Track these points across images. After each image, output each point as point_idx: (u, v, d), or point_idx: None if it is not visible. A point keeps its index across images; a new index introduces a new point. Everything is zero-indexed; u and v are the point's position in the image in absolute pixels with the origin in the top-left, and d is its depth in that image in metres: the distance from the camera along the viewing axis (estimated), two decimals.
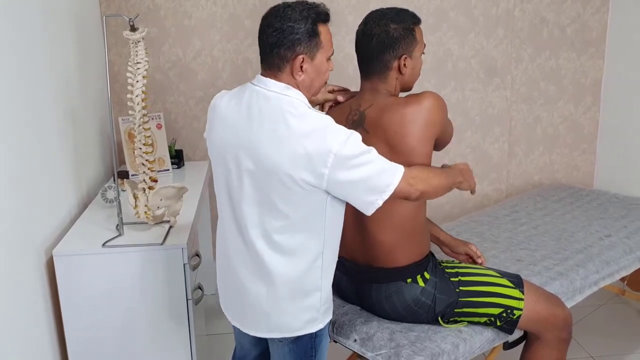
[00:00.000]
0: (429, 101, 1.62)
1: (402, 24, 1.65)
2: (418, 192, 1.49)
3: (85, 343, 1.91)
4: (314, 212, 1.45)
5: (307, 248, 1.47)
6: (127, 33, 1.86)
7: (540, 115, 3.25)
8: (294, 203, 1.42)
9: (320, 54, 1.45)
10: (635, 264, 2.28)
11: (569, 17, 3.13)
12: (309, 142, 1.37)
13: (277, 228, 1.45)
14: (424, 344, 1.63)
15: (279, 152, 1.39)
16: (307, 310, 1.51)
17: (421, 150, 1.64)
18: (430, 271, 1.73)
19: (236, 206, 1.50)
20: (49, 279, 1.89)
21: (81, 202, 2.29)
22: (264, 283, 1.50)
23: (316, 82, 1.49)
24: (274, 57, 1.44)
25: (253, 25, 2.86)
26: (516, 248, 2.27)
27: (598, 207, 2.71)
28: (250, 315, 1.55)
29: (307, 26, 1.41)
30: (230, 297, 1.61)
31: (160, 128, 2.68)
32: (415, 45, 1.67)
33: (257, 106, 1.45)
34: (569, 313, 1.82)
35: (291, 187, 1.40)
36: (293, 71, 1.44)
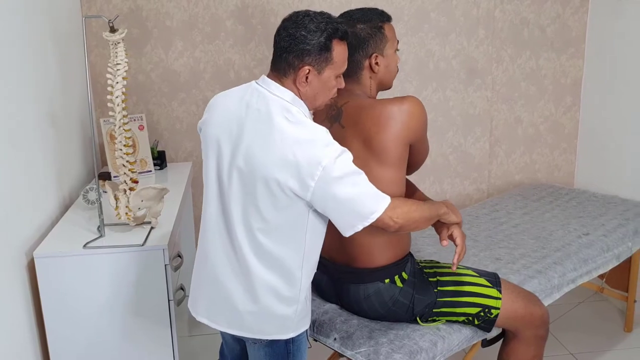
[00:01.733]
0: (410, 104, 1.63)
1: (369, 23, 1.67)
2: (397, 225, 1.48)
3: (66, 344, 1.91)
4: (295, 222, 1.45)
5: (288, 259, 1.47)
6: (107, 34, 1.87)
7: (521, 115, 3.28)
8: (277, 210, 1.42)
9: (329, 69, 1.45)
10: (612, 262, 2.32)
11: (548, 17, 3.17)
12: (300, 150, 1.37)
13: (260, 229, 1.46)
14: (402, 342, 1.65)
15: (269, 155, 1.39)
16: (281, 318, 1.51)
17: (394, 152, 1.65)
18: (408, 271, 1.74)
19: (225, 199, 1.49)
20: (30, 280, 1.89)
21: (63, 203, 2.28)
22: (242, 282, 1.50)
23: (320, 96, 1.49)
24: (282, 61, 1.44)
25: (234, 26, 2.87)
26: (495, 247, 2.29)
27: (577, 206, 2.74)
28: (223, 310, 1.55)
29: (320, 39, 1.41)
30: (204, 291, 1.60)
31: (143, 129, 2.68)
32: (385, 43, 1.68)
33: (257, 106, 1.45)
34: (546, 311, 1.84)
35: (275, 193, 1.40)
36: (297, 80, 1.44)
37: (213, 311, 1.58)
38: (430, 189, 3.27)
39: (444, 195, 3.30)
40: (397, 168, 1.68)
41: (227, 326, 1.56)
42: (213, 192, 1.52)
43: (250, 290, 1.50)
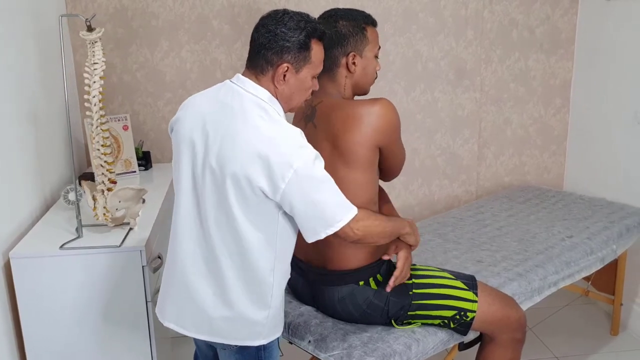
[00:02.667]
0: (380, 107, 1.62)
1: (352, 21, 1.66)
2: (357, 237, 1.48)
3: (43, 345, 1.90)
4: (266, 224, 1.43)
5: (260, 262, 1.45)
6: (84, 33, 1.86)
7: (510, 117, 3.27)
8: (247, 210, 1.40)
9: (307, 68, 1.44)
10: (596, 265, 2.30)
11: (538, 18, 3.15)
12: (273, 149, 1.35)
13: (232, 230, 1.43)
14: (376, 345, 1.64)
15: (241, 152, 1.36)
16: (252, 323, 1.49)
17: (361, 154, 1.63)
18: (383, 274, 1.73)
19: (199, 200, 1.46)
20: (7, 281, 1.88)
21: (44, 203, 2.27)
22: (212, 285, 1.48)
23: (296, 96, 1.47)
24: (260, 58, 1.42)
25: (221, 25, 2.86)
26: (478, 249, 2.28)
27: (563, 209, 2.73)
28: (191, 315, 1.53)
29: (300, 37, 1.40)
30: (173, 294, 1.57)
31: (127, 129, 2.67)
32: (365, 45, 1.68)
33: (231, 104, 1.42)
34: (523, 314, 1.83)
35: (246, 192, 1.38)
36: (275, 78, 1.42)
37: (181, 315, 1.55)
38: (418, 191, 3.26)
39: (432, 198, 3.29)
40: (365, 171, 1.66)
41: (195, 331, 1.53)
42: (186, 193, 1.49)
43: (221, 293, 1.48)
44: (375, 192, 1.75)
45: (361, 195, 1.67)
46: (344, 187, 1.64)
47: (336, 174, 1.65)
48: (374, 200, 1.75)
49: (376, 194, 1.76)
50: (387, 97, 1.72)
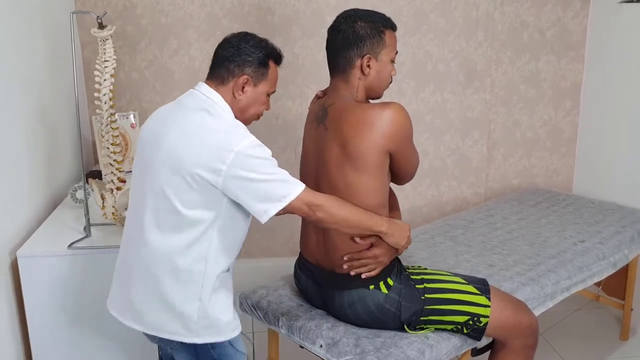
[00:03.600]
0: (391, 111, 1.60)
1: (370, 23, 1.64)
2: (315, 216, 1.49)
3: (49, 345, 1.88)
4: (206, 211, 1.44)
5: (191, 246, 1.45)
6: (95, 30, 1.84)
7: (519, 118, 3.24)
8: (188, 199, 1.43)
9: (263, 84, 1.56)
10: (608, 270, 2.28)
11: (548, 20, 3.12)
12: (215, 137, 1.42)
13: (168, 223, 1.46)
14: (389, 350, 1.61)
15: (184, 145, 1.43)
16: (178, 318, 1.48)
17: (371, 159, 1.61)
18: (394, 277, 1.70)
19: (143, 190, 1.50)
20: (14, 280, 1.86)
21: (51, 202, 2.25)
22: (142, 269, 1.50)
23: (251, 109, 1.56)
24: (222, 69, 1.53)
25: (230, 24, 2.84)
26: (489, 253, 2.25)
27: (574, 212, 2.70)
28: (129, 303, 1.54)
29: (260, 55, 1.53)
30: (115, 278, 1.62)
31: (135, 127, 2.65)
32: (382, 48, 1.65)
33: (185, 103, 1.53)
34: (535, 320, 1.80)
35: (189, 182, 1.41)
36: (235, 87, 1.52)
37: (121, 303, 1.58)
38: (426, 192, 3.24)
39: (441, 199, 3.26)
40: (374, 176, 1.63)
41: (133, 321, 1.54)
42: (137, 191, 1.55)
43: (145, 277, 1.49)
44: (385, 196, 1.72)
45: (371, 199, 1.65)
46: (353, 191, 1.64)
47: (345, 177, 1.64)
48: (384, 204, 1.71)
49: (386, 198, 1.73)
50: (396, 98, 1.71)
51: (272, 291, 1.94)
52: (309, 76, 2.95)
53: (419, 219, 3.22)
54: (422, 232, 2.46)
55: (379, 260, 1.67)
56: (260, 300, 1.90)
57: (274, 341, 2.02)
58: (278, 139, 3.00)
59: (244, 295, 1.95)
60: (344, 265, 1.68)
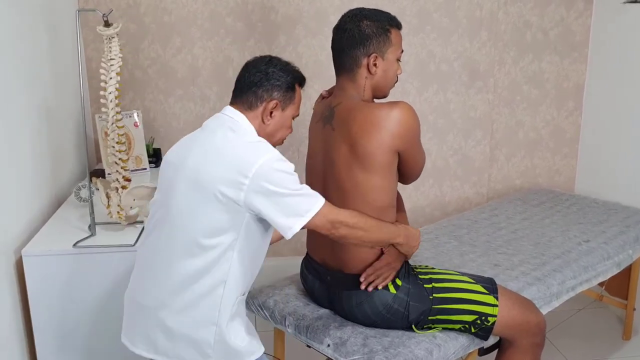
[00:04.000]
0: (400, 111, 1.59)
1: (376, 22, 1.63)
2: (339, 235, 1.47)
3: (54, 344, 1.87)
4: (227, 230, 1.41)
5: (209, 270, 1.42)
6: (101, 28, 1.83)
7: (522, 119, 3.24)
8: (208, 217, 1.40)
9: (290, 108, 1.55)
10: (612, 270, 2.28)
11: (552, 20, 3.12)
12: (236, 151, 1.41)
13: (185, 248, 1.43)
14: (397, 350, 1.61)
15: (205, 162, 1.41)
16: (194, 343, 1.44)
17: (380, 159, 1.60)
18: (402, 277, 1.70)
19: (165, 205, 1.48)
20: (18, 279, 1.85)
21: (55, 200, 2.24)
22: (156, 292, 1.47)
23: (279, 133, 1.56)
24: (250, 95, 1.51)
25: (234, 23, 2.83)
26: (494, 252, 2.25)
27: (577, 212, 2.70)
28: (141, 328, 1.51)
29: (288, 79, 1.52)
30: (130, 313, 1.57)
31: (138, 126, 2.64)
32: (388, 47, 1.64)
33: (207, 125, 1.53)
34: (543, 318, 1.80)
35: (212, 202, 1.38)
36: (264, 113, 1.51)
37: (131, 329, 1.54)
38: (429, 192, 3.23)
39: (443, 199, 3.26)
40: (383, 176, 1.63)
41: (144, 348, 1.50)
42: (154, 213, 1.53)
43: (163, 301, 1.45)
44: (393, 196, 1.71)
45: (380, 200, 1.64)
46: (362, 192, 1.63)
47: (354, 178, 1.63)
48: (392, 204, 1.71)
49: (394, 199, 1.72)
50: (399, 97, 1.71)
51: (279, 290, 1.93)
52: (313, 76, 2.93)
53: (422, 219, 3.22)
54: (427, 231, 2.46)
55: (392, 266, 1.67)
56: (266, 299, 1.89)
57: (280, 341, 2.02)
58: None
59: (251, 295, 1.94)
60: (361, 286, 1.66)
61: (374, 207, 1.64)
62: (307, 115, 3.03)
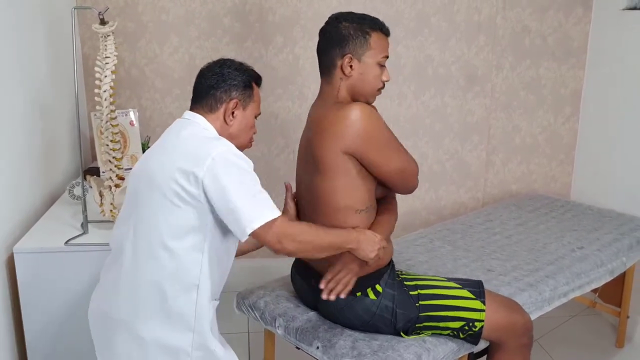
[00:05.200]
0: (351, 111, 1.55)
1: (355, 24, 1.61)
2: (286, 251, 1.41)
3: (44, 341, 1.87)
4: (192, 230, 1.38)
5: (179, 274, 1.39)
6: (96, 26, 1.82)
7: (519, 124, 3.24)
8: (172, 215, 1.37)
9: (251, 107, 1.54)
10: (605, 277, 2.27)
11: (550, 26, 3.13)
12: (194, 143, 1.40)
13: (153, 253, 1.40)
14: (386, 353, 1.60)
15: (162, 157, 1.42)
16: (170, 351, 1.41)
17: (329, 161, 1.58)
18: (383, 284, 1.67)
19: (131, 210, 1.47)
20: (9, 276, 1.85)
21: (48, 198, 2.24)
22: (127, 298, 1.42)
23: (243, 134, 1.54)
24: (209, 98, 1.50)
25: (232, 23, 2.83)
26: (488, 257, 2.25)
27: (572, 219, 2.70)
28: (115, 347, 1.46)
29: (244, 77, 1.52)
30: (98, 328, 1.53)
31: (134, 125, 2.63)
32: (366, 50, 1.61)
33: (169, 130, 1.52)
34: (528, 318, 1.79)
35: (171, 198, 1.36)
36: (226, 114, 1.50)
37: (106, 349, 1.49)
38: (425, 196, 3.23)
39: (439, 203, 3.26)
40: (337, 179, 1.59)
41: None
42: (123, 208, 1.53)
43: (137, 311, 1.41)
44: (357, 200, 1.64)
45: (335, 202, 1.62)
46: (319, 193, 1.64)
47: (312, 179, 1.65)
48: (354, 207, 1.64)
49: (360, 202, 1.64)
50: (396, 101, 1.70)
51: (270, 292, 1.93)
52: (309, 77, 2.94)
53: (417, 222, 3.21)
54: (421, 236, 2.46)
55: (350, 270, 1.61)
56: (257, 300, 1.89)
57: (270, 342, 2.01)
58: (277, 139, 2.99)
59: (241, 295, 1.94)
60: (322, 295, 1.61)
61: (332, 208, 1.62)
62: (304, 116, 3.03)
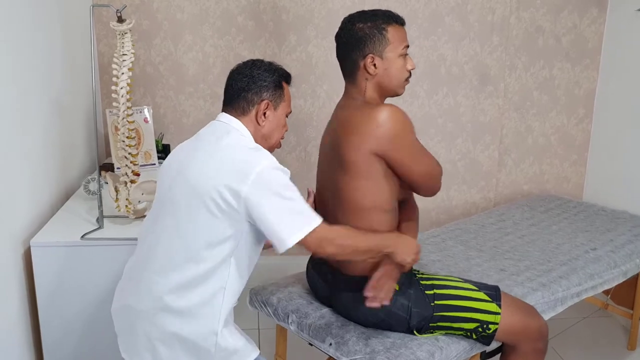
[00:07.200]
0: (380, 112, 1.55)
1: (369, 23, 1.61)
2: (326, 254, 1.45)
3: (59, 334, 1.89)
4: (228, 239, 1.40)
5: (209, 277, 1.41)
6: (114, 24, 1.84)
7: (532, 124, 3.23)
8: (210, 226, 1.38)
9: (282, 107, 1.55)
10: (619, 278, 2.26)
11: (564, 27, 3.12)
12: (237, 156, 1.40)
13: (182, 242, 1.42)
14: (399, 351, 1.61)
15: (203, 168, 1.41)
16: (195, 351, 1.43)
17: (357, 161, 1.58)
18: (400, 282, 1.67)
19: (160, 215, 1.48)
20: (26, 269, 1.87)
21: (64, 193, 2.26)
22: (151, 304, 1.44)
23: (275, 134, 1.55)
24: (241, 100, 1.51)
25: (246, 22, 2.85)
26: (500, 258, 2.25)
27: (585, 220, 2.69)
28: (136, 340, 1.48)
29: (274, 77, 1.53)
30: (122, 323, 1.55)
31: (148, 122, 2.65)
32: (386, 45, 1.60)
33: (203, 133, 1.53)
34: (544, 323, 1.79)
35: (211, 209, 1.37)
36: (257, 115, 1.51)
37: (131, 345, 1.51)
38: (436, 196, 3.20)
39: (450, 203, 3.25)
40: (364, 179, 1.60)
41: (139, 358, 1.47)
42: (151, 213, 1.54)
43: (164, 302, 1.42)
44: (383, 200, 1.64)
45: (362, 202, 1.62)
46: (339, 193, 1.65)
47: (336, 178, 1.65)
48: (381, 207, 1.65)
49: (386, 202, 1.66)
50: (409, 100, 1.70)
51: (283, 288, 1.94)
52: (322, 76, 2.95)
53: (427, 222, 3.21)
54: (434, 235, 2.46)
55: (391, 276, 1.62)
56: (270, 296, 1.90)
57: (282, 338, 2.02)
58: (289, 137, 3.01)
59: (254, 291, 1.95)
60: (366, 303, 1.59)
61: (357, 208, 1.63)
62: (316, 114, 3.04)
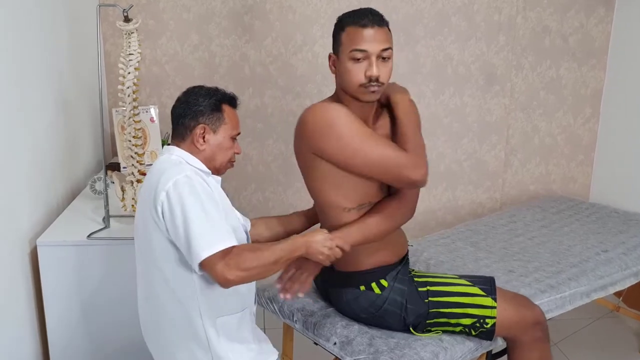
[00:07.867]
0: (304, 112, 1.61)
1: (337, 25, 1.66)
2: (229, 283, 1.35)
3: (66, 333, 1.89)
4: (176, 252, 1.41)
5: (179, 291, 1.44)
6: (120, 23, 1.85)
7: (538, 124, 3.22)
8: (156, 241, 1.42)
9: (223, 129, 1.53)
10: (629, 280, 2.23)
11: (571, 26, 3.10)
12: (159, 172, 1.42)
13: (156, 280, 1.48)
14: (403, 351, 1.60)
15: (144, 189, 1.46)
16: None
17: (303, 165, 1.66)
18: (391, 279, 1.68)
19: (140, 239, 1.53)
20: (33, 268, 1.87)
21: (70, 192, 2.27)
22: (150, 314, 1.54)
23: (219, 156, 1.54)
24: (179, 127, 1.53)
25: (252, 21, 2.84)
26: (510, 259, 2.22)
27: (596, 221, 2.66)
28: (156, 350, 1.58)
29: (211, 101, 1.52)
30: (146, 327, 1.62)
31: (154, 122, 2.65)
32: (339, 46, 1.62)
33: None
34: (539, 311, 1.77)
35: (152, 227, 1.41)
36: (195, 139, 1.50)
37: None
38: (442, 196, 3.22)
39: (456, 203, 3.24)
40: (314, 178, 1.65)
41: None
42: None
43: (155, 325, 1.53)
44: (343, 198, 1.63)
45: (322, 202, 1.67)
46: (311, 196, 1.70)
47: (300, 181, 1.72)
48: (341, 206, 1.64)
49: (348, 202, 1.63)
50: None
51: None
52: (328, 75, 2.91)
53: (433, 222, 3.21)
54: (443, 236, 2.45)
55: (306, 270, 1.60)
56: (276, 293, 1.89)
57: (289, 337, 2.02)
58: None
59: (261, 288, 1.95)
60: (280, 295, 1.62)
61: (323, 208, 1.69)
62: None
